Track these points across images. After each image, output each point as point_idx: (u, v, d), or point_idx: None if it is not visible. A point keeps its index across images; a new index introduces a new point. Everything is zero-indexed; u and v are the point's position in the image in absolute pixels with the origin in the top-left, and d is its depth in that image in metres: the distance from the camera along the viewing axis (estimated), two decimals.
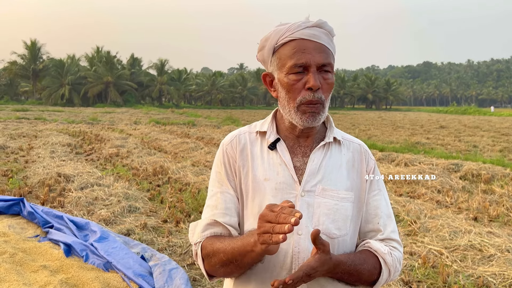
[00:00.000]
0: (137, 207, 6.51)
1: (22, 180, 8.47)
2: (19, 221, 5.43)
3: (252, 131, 1.49)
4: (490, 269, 4.42)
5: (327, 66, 1.34)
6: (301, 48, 1.33)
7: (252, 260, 1.26)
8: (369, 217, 1.45)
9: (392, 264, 1.37)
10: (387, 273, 1.37)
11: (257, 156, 1.43)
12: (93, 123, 25.00)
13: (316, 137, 1.45)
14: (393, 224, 1.46)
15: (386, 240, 1.43)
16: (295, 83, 1.34)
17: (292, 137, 1.44)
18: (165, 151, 13.30)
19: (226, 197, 1.42)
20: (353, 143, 1.51)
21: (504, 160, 12.19)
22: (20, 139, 15.52)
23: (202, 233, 1.38)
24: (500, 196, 7.64)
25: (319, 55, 1.32)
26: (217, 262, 1.31)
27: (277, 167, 1.40)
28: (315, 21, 1.36)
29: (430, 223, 5.91)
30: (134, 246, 4.72)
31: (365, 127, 27.61)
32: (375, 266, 1.36)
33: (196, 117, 35.25)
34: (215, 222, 1.38)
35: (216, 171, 1.47)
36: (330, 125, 1.48)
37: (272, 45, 1.39)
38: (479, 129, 26.34)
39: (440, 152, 13.67)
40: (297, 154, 1.43)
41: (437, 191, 8.11)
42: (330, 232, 1.35)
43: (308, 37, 1.33)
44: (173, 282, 3.78)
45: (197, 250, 1.37)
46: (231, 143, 1.47)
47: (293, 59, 1.33)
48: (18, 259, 4.07)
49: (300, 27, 1.34)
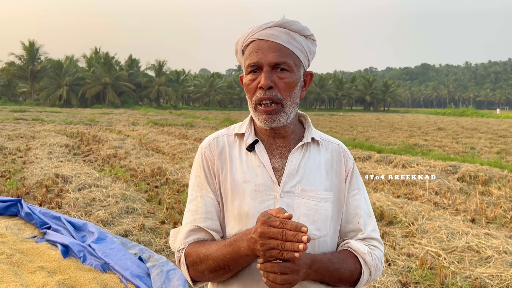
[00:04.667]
0: (135, 208, 6.51)
1: (20, 181, 8.45)
2: (16, 222, 5.42)
3: (230, 133, 1.49)
4: (487, 271, 4.43)
5: (281, 64, 1.34)
6: (255, 48, 1.35)
7: (246, 263, 1.27)
8: (349, 217, 1.45)
9: (372, 263, 1.37)
10: (367, 273, 1.37)
11: (235, 158, 1.43)
12: (91, 124, 24.97)
13: (294, 138, 1.46)
14: (373, 223, 1.46)
15: (367, 240, 1.42)
16: (250, 83, 1.37)
17: (269, 138, 1.45)
18: (163, 152, 13.29)
19: (206, 200, 1.41)
20: (331, 143, 1.51)
21: (502, 162, 12.22)
22: (18, 140, 15.49)
23: (185, 240, 1.37)
24: (497, 198, 7.65)
25: (272, 54, 1.33)
26: (206, 268, 1.31)
27: (256, 169, 1.40)
28: (278, 20, 1.37)
29: (428, 224, 5.92)
30: (131, 247, 4.71)
31: (363, 129, 27.64)
32: (355, 266, 1.36)
33: (194, 118, 35.25)
34: (198, 228, 1.38)
35: (195, 175, 1.47)
36: (308, 125, 1.49)
37: (240, 47, 1.42)
38: (477, 131, 26.39)
39: (438, 154, 13.69)
40: (276, 155, 1.43)
41: (434, 192, 8.12)
42: (310, 232, 1.34)
43: (265, 37, 1.35)
44: (170, 283, 3.77)
45: (180, 257, 1.37)
46: (209, 146, 1.47)
47: (248, 59, 1.36)
48: (16, 260, 4.06)
49: (261, 28, 1.36)
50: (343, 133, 23.93)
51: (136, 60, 78.47)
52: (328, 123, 34.95)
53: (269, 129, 1.41)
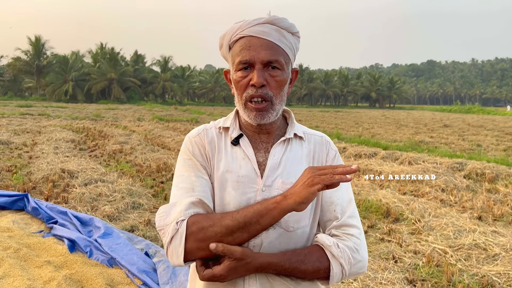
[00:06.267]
0: (141, 204, 6.52)
1: (26, 175, 8.48)
2: (23, 217, 5.44)
3: (216, 127, 1.50)
4: (494, 268, 4.40)
5: (274, 63, 1.34)
6: (247, 45, 1.34)
7: (272, 219, 1.23)
8: (324, 206, 1.42)
9: (341, 255, 1.30)
10: (338, 267, 1.30)
11: (221, 149, 1.44)
12: (96, 120, 25.02)
13: (277, 133, 1.47)
14: (351, 209, 1.40)
15: (342, 227, 1.37)
16: (241, 80, 1.37)
17: (253, 133, 1.45)
18: (169, 148, 13.30)
19: (201, 181, 1.38)
20: (314, 136, 1.52)
21: (508, 159, 12.14)
22: (24, 135, 15.55)
23: (186, 211, 1.28)
24: (504, 195, 7.61)
25: (264, 52, 1.33)
26: (218, 231, 1.23)
27: (240, 161, 1.41)
28: (268, 17, 1.36)
29: (434, 222, 5.89)
30: (138, 242, 4.72)
31: (369, 126, 27.55)
32: (320, 260, 1.30)
33: (199, 114, 35.26)
34: (200, 201, 1.32)
35: (184, 158, 1.43)
36: (291, 121, 1.50)
37: (227, 42, 1.41)
38: (483, 128, 26.24)
39: (444, 151, 13.62)
40: (260, 150, 1.44)
41: (441, 190, 8.08)
42: (287, 225, 1.35)
43: (256, 34, 1.34)
44: (177, 279, 3.78)
45: (179, 229, 1.25)
46: (199, 135, 1.47)
47: (239, 56, 1.35)
48: (22, 255, 4.08)
49: (251, 24, 1.35)
50: (349, 129, 23.86)
51: (142, 56, 78.49)
52: (333, 119, 34.86)
53: (256, 125, 1.42)
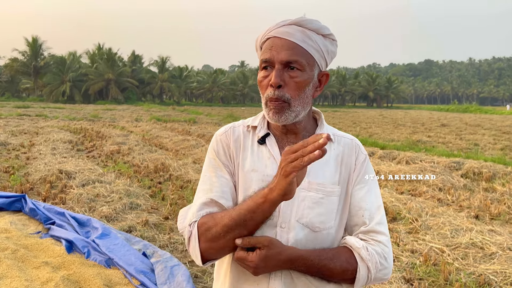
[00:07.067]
0: (139, 204, 6.52)
1: (24, 176, 8.47)
2: (20, 218, 5.44)
3: (245, 125, 1.51)
4: (491, 267, 4.42)
5: (293, 63, 1.33)
6: (270, 46, 1.36)
7: (263, 213, 1.24)
8: (353, 210, 1.42)
9: (369, 259, 1.31)
10: (364, 270, 1.31)
11: (248, 148, 1.45)
12: (94, 120, 25.00)
13: (305, 134, 1.47)
14: (380, 216, 1.41)
15: (370, 233, 1.37)
16: (262, 80, 1.39)
17: (280, 133, 1.46)
18: (166, 148, 13.30)
19: (221, 181, 1.41)
20: (344, 138, 1.51)
21: (506, 158, 12.18)
22: (22, 136, 15.53)
23: (198, 212, 1.34)
24: (501, 194, 7.63)
25: (284, 52, 1.33)
26: (220, 231, 1.27)
27: (266, 160, 1.41)
28: (295, 19, 1.37)
29: (432, 221, 5.91)
30: (135, 243, 4.72)
31: (366, 125, 27.59)
32: (349, 262, 1.31)
33: (197, 114, 35.27)
34: (212, 201, 1.36)
35: (209, 157, 1.47)
36: (320, 122, 1.50)
37: (259, 44, 1.44)
38: (480, 127, 26.31)
39: (441, 150, 13.66)
40: None
41: (438, 189, 8.10)
42: (313, 225, 1.35)
43: (280, 35, 1.35)
44: (174, 279, 3.78)
45: (192, 230, 1.31)
46: (225, 133, 1.49)
47: (262, 55, 1.38)
48: (20, 255, 4.08)
49: (278, 25, 1.37)
50: (346, 129, 23.88)
51: (139, 56, 78.37)
52: (331, 119, 34.90)
53: (281, 125, 1.43)
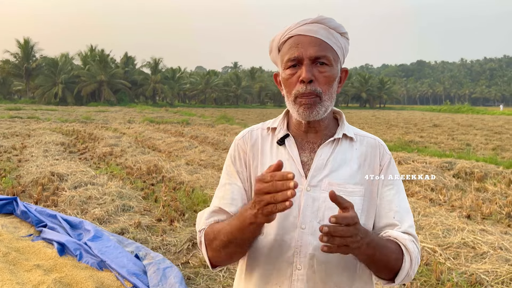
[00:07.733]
0: (131, 206, 6.50)
1: (15, 179, 8.42)
2: (12, 220, 5.41)
3: (264, 128, 1.52)
4: (483, 267, 4.45)
5: (322, 58, 1.34)
6: (295, 43, 1.36)
7: (252, 234, 1.26)
8: (382, 212, 1.41)
9: (413, 251, 1.31)
10: (409, 261, 1.31)
11: (266, 151, 1.46)
12: (86, 122, 24.88)
13: (326, 133, 1.45)
14: (410, 219, 1.41)
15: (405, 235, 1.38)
16: (290, 77, 1.37)
17: (301, 133, 1.45)
18: (159, 150, 13.27)
19: (233, 188, 1.44)
20: (367, 137, 1.50)
21: (497, 158, 12.27)
22: (13, 138, 15.43)
23: (207, 220, 1.41)
24: (493, 194, 7.69)
25: (312, 48, 1.34)
26: (219, 244, 1.33)
27: (285, 162, 1.39)
28: (315, 17, 1.38)
29: (424, 221, 5.94)
30: (128, 245, 4.71)
31: (359, 126, 27.66)
32: (398, 251, 1.31)
33: (190, 116, 35.20)
34: (220, 210, 1.41)
35: (227, 164, 1.51)
36: (342, 121, 1.49)
37: (276, 44, 1.43)
38: (472, 127, 26.47)
39: (434, 151, 13.73)
40: (305, 150, 1.44)
41: (430, 189, 8.14)
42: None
43: (304, 33, 1.35)
44: (167, 281, 3.78)
45: (201, 238, 1.39)
46: (243, 138, 1.51)
47: (288, 54, 1.36)
48: (12, 259, 4.05)
49: (299, 24, 1.37)
50: None
51: (132, 58, 78.14)
52: None
53: (304, 123, 1.42)
